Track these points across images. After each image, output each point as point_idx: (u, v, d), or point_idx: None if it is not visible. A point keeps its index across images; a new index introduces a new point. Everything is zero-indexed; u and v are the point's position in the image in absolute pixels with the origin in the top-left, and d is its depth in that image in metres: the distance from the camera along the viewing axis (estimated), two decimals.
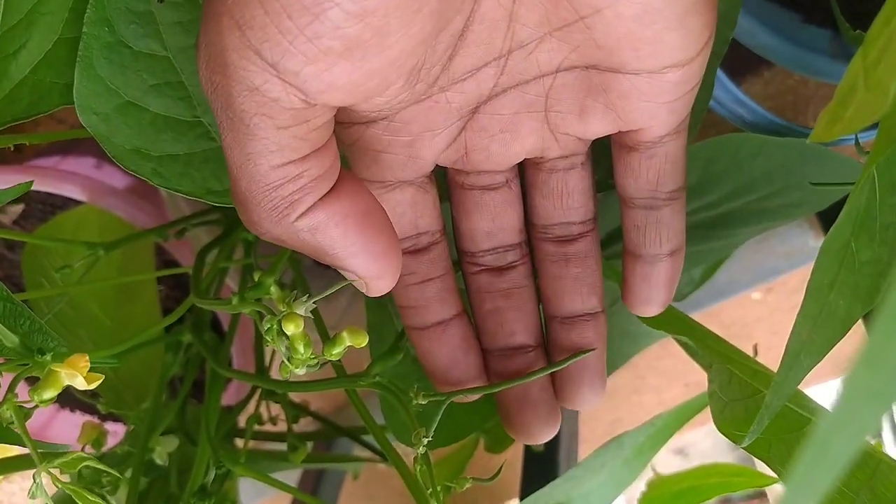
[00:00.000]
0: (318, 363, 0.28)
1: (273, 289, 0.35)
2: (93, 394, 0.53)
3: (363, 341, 0.28)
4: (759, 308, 0.71)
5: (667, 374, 0.76)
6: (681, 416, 0.42)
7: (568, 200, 0.30)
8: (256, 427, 0.50)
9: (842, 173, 0.37)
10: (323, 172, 0.23)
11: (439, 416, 0.34)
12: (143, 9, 0.33)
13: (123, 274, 0.53)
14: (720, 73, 0.43)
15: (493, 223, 0.31)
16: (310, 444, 0.49)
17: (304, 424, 0.55)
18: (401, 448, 0.37)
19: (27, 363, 0.30)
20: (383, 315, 0.40)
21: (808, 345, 0.26)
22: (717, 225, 0.42)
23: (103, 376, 0.30)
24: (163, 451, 0.47)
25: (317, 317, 0.43)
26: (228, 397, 0.60)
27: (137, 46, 0.33)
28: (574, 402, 0.33)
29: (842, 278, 0.26)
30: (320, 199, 0.23)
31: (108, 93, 0.34)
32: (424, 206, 0.30)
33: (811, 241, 0.61)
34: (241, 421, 0.52)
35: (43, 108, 0.34)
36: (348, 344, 0.28)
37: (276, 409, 0.51)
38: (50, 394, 0.28)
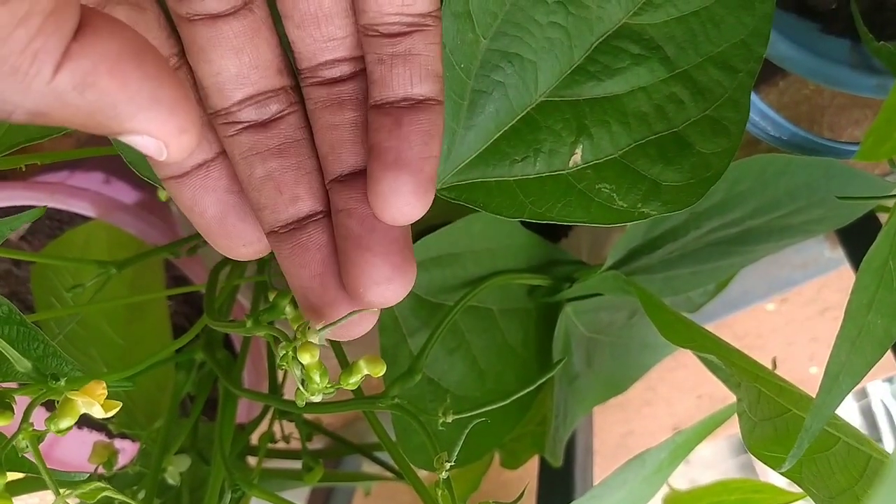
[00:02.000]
0: (333, 391, 0.28)
1: (288, 309, 0.34)
2: None
3: (381, 370, 0.27)
4: (774, 319, 0.70)
5: (679, 386, 0.75)
6: (701, 432, 0.41)
7: (327, 27, 0.25)
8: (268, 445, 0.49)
9: (866, 190, 0.37)
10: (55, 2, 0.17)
11: (462, 440, 0.33)
12: None
13: (134, 290, 0.52)
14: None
15: (239, 62, 0.24)
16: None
17: (315, 440, 0.54)
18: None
19: (42, 389, 0.30)
20: (397, 336, 0.39)
21: (847, 366, 0.25)
22: (738, 241, 0.42)
23: (120, 404, 0.30)
24: (175, 470, 0.46)
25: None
26: (239, 415, 0.59)
27: None
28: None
29: (880, 297, 0.25)
30: (73, 39, 0.18)
31: None
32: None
33: (827, 252, 0.61)
34: (253, 438, 0.51)
35: (57, 128, 0.33)
36: (365, 373, 0.28)
37: (288, 426, 0.51)
38: (67, 423, 0.28)
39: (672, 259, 0.43)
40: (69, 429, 0.28)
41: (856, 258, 0.55)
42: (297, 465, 0.53)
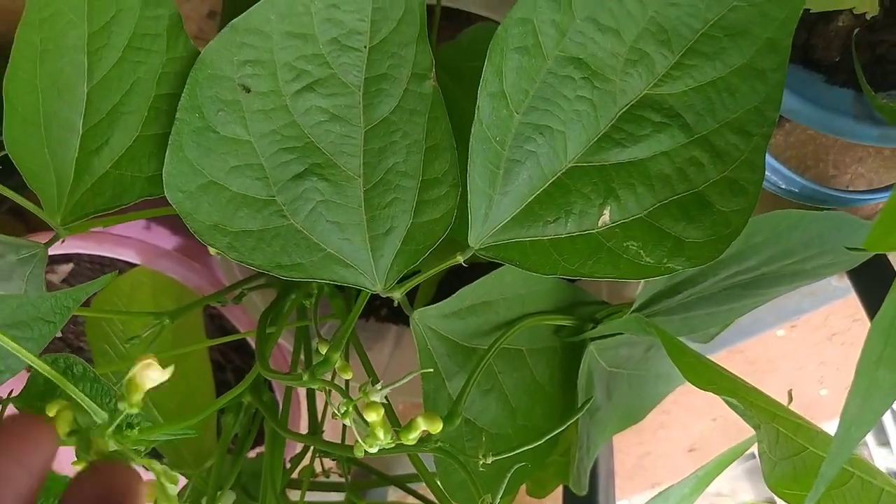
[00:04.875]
0: (394, 444, 0.30)
1: (339, 362, 0.37)
2: (155, 453, 0.55)
3: (438, 427, 0.30)
4: (784, 345, 0.73)
5: (694, 409, 0.78)
6: (721, 464, 0.44)
7: None
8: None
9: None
10: None
11: (507, 481, 0.36)
12: (231, 97, 0.36)
13: (177, 330, 0.55)
14: None
15: None
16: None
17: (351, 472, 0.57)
18: None
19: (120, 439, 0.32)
20: (437, 381, 0.42)
21: (859, 417, 0.28)
22: (753, 286, 0.44)
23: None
24: None
25: (365, 362, 0.45)
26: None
27: (223, 131, 0.36)
28: None
29: (887, 353, 0.28)
30: None
31: (193, 173, 0.36)
32: None
33: (834, 282, 0.63)
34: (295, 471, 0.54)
35: (125, 199, 0.36)
36: (423, 429, 0.30)
37: (328, 460, 0.53)
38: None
39: (690, 302, 0.46)
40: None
41: (861, 288, 0.58)
42: (331, 496, 0.55)
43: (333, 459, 0.54)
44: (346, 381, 0.46)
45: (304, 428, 0.57)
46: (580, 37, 0.34)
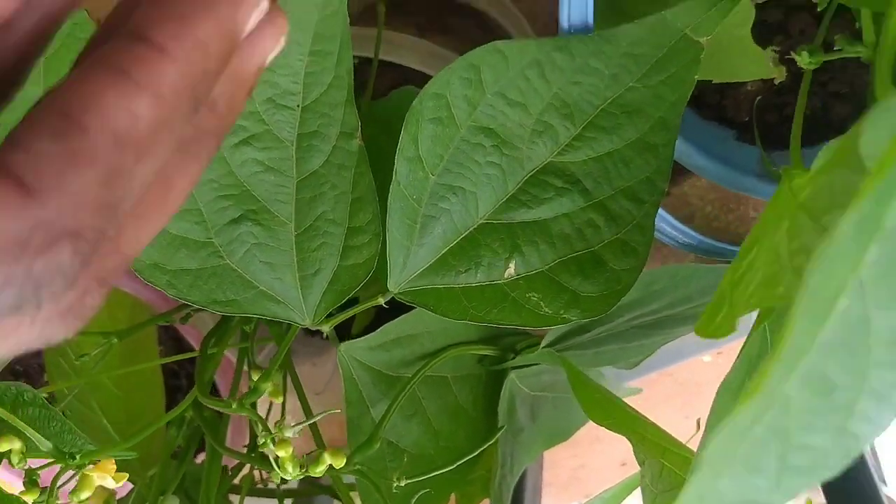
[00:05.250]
0: (304, 474, 0.34)
1: (269, 389, 0.41)
2: None
3: (342, 462, 0.34)
4: (710, 369, 0.77)
5: None
6: (622, 492, 0.48)
7: None
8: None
9: None
10: None
11: (414, 501, 0.40)
12: None
13: (128, 345, 0.58)
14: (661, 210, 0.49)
15: None
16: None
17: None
18: None
19: (62, 465, 0.36)
20: (361, 408, 0.45)
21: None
22: (658, 326, 0.48)
23: (127, 475, 0.36)
24: None
25: (297, 384, 0.48)
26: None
27: None
28: None
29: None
30: None
31: None
32: None
33: (754, 315, 0.68)
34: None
35: None
36: (329, 463, 0.34)
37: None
38: (86, 494, 0.34)
39: (601, 338, 0.50)
40: (87, 500, 0.35)
41: None
42: (273, 502, 0.59)
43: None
44: (283, 403, 0.50)
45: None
46: (490, 109, 0.38)
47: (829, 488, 0.50)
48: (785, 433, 0.18)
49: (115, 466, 0.35)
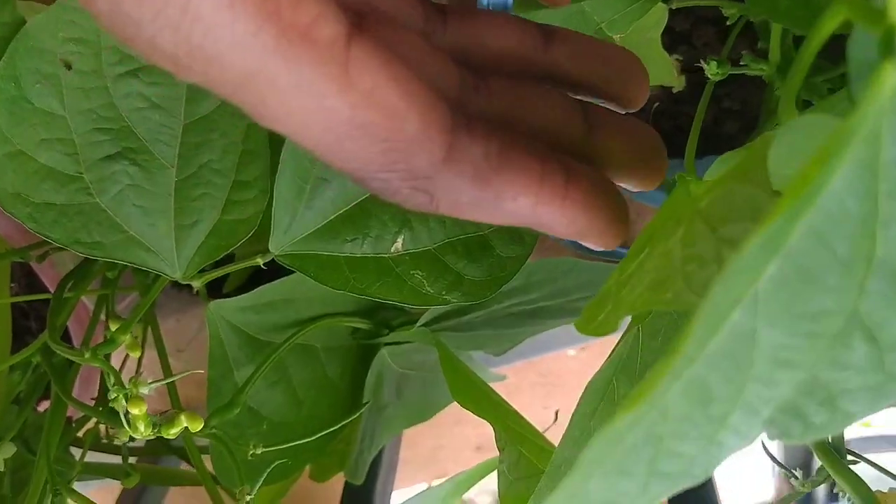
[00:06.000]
0: (156, 434, 0.32)
1: (128, 340, 0.39)
2: None
3: (199, 425, 0.32)
4: (574, 363, 0.79)
5: None
6: (475, 475, 0.49)
7: None
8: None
9: None
10: None
11: (264, 476, 0.39)
12: (50, 71, 0.36)
13: None
14: None
15: None
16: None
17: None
18: None
19: None
20: (224, 368, 0.44)
21: (569, 460, 0.32)
22: (534, 315, 0.49)
23: None
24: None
25: (158, 339, 0.46)
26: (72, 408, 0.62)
27: (38, 103, 0.36)
28: None
29: (602, 409, 0.33)
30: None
31: (2, 140, 0.36)
32: None
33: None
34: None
35: None
36: (185, 425, 0.32)
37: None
38: None
39: (477, 322, 0.50)
40: None
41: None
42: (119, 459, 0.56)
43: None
44: (140, 358, 0.47)
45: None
46: None
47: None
48: (659, 440, 0.18)
49: None
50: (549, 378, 0.79)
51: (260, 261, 0.39)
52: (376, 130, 0.19)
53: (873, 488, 0.31)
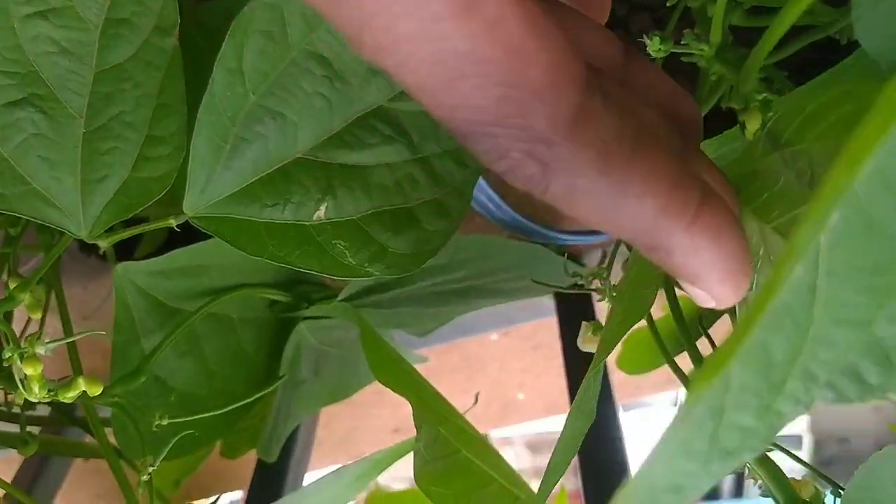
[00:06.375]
0: (52, 397, 0.30)
1: (28, 300, 0.36)
2: None
3: (98, 390, 0.30)
4: (496, 347, 0.79)
5: None
6: (392, 456, 0.48)
7: None
8: None
9: (561, 274, 0.44)
10: None
11: (169, 447, 0.37)
12: None
13: None
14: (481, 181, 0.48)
15: None
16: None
17: (40, 407, 0.55)
18: None
19: None
20: (131, 335, 0.41)
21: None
22: (459, 294, 0.48)
23: None
24: None
25: (62, 303, 0.43)
26: None
27: None
28: None
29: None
30: None
31: None
32: None
33: (546, 301, 0.70)
34: None
35: None
36: (83, 389, 0.30)
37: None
38: None
39: (401, 299, 0.49)
40: None
41: (561, 312, 0.64)
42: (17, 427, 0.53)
43: None
44: (42, 319, 0.44)
45: None
46: (328, 36, 0.35)
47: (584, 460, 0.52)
48: (720, 412, 0.17)
49: None
50: (471, 362, 0.79)
51: (173, 222, 0.37)
52: (496, 71, 0.16)
53: None
